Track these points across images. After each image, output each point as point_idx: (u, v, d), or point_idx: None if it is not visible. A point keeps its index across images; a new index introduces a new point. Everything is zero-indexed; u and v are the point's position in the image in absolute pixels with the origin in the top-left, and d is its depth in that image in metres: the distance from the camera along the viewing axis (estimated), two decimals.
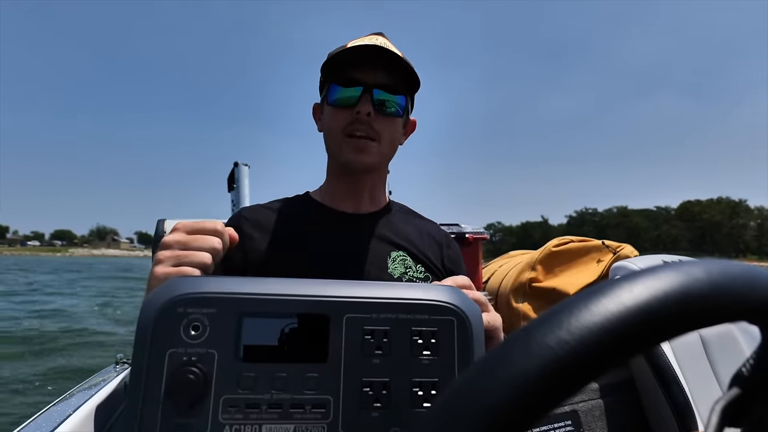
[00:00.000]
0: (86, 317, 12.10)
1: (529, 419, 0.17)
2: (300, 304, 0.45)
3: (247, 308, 0.45)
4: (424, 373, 0.45)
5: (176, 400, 0.41)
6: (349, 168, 0.93)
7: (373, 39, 0.92)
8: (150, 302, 0.44)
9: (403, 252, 0.92)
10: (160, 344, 0.42)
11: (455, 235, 1.84)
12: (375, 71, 0.88)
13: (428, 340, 0.46)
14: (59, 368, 6.69)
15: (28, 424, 1.04)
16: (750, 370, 0.25)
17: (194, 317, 0.44)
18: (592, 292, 0.19)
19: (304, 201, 1.00)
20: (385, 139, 0.91)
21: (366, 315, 0.46)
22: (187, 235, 0.60)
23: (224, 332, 0.44)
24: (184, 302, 0.44)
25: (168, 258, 0.58)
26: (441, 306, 0.47)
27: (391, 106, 0.90)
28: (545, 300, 1.63)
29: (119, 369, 1.57)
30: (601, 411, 1.36)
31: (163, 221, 1.61)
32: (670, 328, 0.19)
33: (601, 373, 0.18)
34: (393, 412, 0.44)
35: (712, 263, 0.21)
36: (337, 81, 0.89)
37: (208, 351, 0.43)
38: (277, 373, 0.44)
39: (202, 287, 0.45)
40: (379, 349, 0.45)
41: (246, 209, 0.97)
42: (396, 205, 1.05)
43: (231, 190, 3.39)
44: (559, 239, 1.75)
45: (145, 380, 0.42)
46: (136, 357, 0.42)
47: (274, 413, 0.43)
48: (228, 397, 0.43)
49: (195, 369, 0.42)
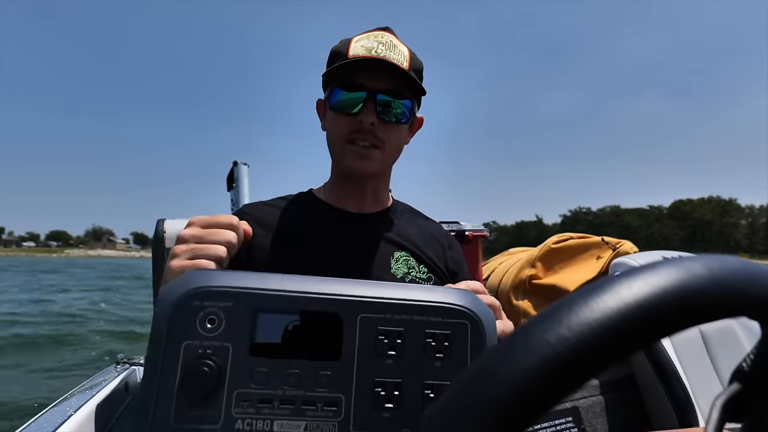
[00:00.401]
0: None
1: (529, 416, 0.17)
2: (315, 302, 0.46)
3: (262, 304, 0.45)
4: (436, 375, 0.45)
5: (190, 392, 0.41)
6: (351, 175, 0.92)
7: (378, 35, 0.89)
8: (166, 294, 0.44)
9: (406, 252, 0.92)
10: (175, 336, 0.43)
11: (455, 233, 1.84)
12: (379, 76, 0.86)
13: (441, 342, 0.46)
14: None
15: (29, 424, 1.04)
16: (750, 366, 0.25)
17: (210, 310, 0.44)
18: (591, 288, 0.19)
19: (308, 199, 0.99)
20: (389, 146, 0.89)
21: (380, 315, 0.46)
22: (203, 229, 0.61)
23: (239, 326, 0.44)
24: (200, 295, 0.44)
25: (184, 252, 0.59)
26: (455, 309, 0.47)
27: (395, 111, 0.88)
28: (545, 297, 1.63)
29: (120, 369, 1.57)
30: (601, 407, 1.37)
31: (162, 221, 1.60)
32: (670, 324, 0.19)
33: (602, 369, 0.18)
34: (405, 413, 0.44)
35: (712, 259, 0.21)
36: (340, 84, 0.87)
37: (223, 344, 0.43)
38: (290, 369, 0.44)
39: (218, 281, 0.45)
40: (393, 350, 0.45)
41: (248, 206, 0.96)
42: (400, 205, 1.04)
43: (230, 190, 3.38)
44: (559, 236, 1.75)
45: (161, 371, 0.42)
46: (152, 348, 0.43)
47: (286, 409, 0.43)
48: (241, 391, 0.43)
49: (210, 362, 0.42)
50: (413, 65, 0.90)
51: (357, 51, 0.86)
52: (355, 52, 0.86)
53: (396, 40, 0.90)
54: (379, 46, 0.86)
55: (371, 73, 0.86)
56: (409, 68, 0.88)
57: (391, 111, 0.87)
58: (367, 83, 0.86)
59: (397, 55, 0.87)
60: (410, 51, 0.91)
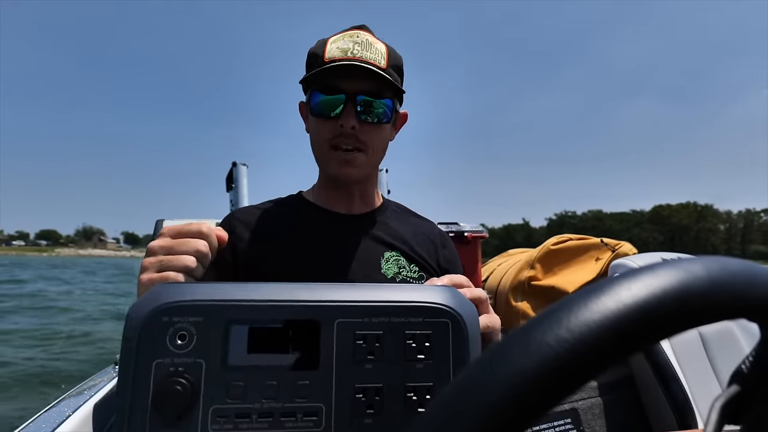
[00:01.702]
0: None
1: (528, 418, 0.17)
2: (290, 310, 0.44)
3: (234, 315, 0.44)
4: (418, 377, 0.45)
5: (163, 410, 0.41)
6: (336, 181, 0.92)
7: (354, 35, 0.88)
8: (135, 311, 0.43)
9: (396, 252, 0.91)
10: (146, 354, 0.42)
11: (453, 233, 1.84)
12: (357, 78, 0.84)
13: (422, 343, 0.45)
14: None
15: (28, 424, 1.04)
16: (749, 368, 0.25)
17: (180, 326, 0.43)
18: (591, 290, 0.19)
19: (297, 201, 0.99)
20: (372, 147, 0.89)
21: (358, 319, 0.45)
22: (172, 239, 0.59)
23: (212, 341, 0.43)
24: (169, 311, 0.43)
25: (152, 264, 0.57)
26: (435, 308, 0.46)
27: (377, 111, 0.86)
28: (544, 298, 1.63)
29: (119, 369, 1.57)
30: (600, 409, 1.37)
31: (161, 221, 1.60)
32: (670, 325, 0.18)
33: (601, 371, 0.18)
34: (386, 417, 0.43)
35: (712, 260, 0.21)
36: (319, 88, 0.86)
37: (195, 360, 0.42)
38: (268, 381, 0.43)
39: (187, 294, 0.44)
40: (372, 355, 0.44)
41: (238, 210, 0.96)
42: (391, 205, 1.04)
43: (230, 190, 3.38)
44: (558, 237, 1.75)
45: (132, 391, 0.41)
46: (123, 367, 0.42)
47: (265, 422, 0.42)
48: (217, 407, 0.42)
49: (182, 380, 0.41)
50: (391, 62, 0.88)
51: (333, 53, 0.85)
52: (331, 54, 0.85)
53: (372, 38, 0.89)
54: (355, 47, 0.85)
55: (348, 75, 0.84)
56: (387, 65, 0.87)
57: (372, 111, 0.86)
58: (345, 86, 0.84)
59: (374, 54, 0.86)
60: (387, 47, 0.90)
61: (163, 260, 0.57)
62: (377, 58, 0.86)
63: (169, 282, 0.54)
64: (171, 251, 0.58)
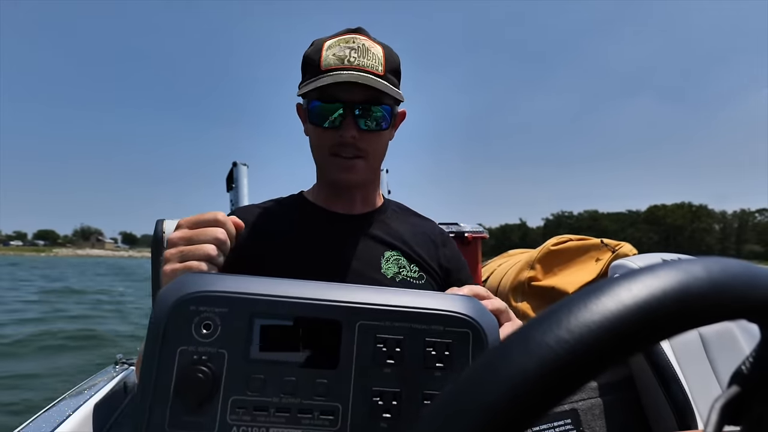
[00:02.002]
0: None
1: (528, 418, 0.17)
2: (313, 308, 0.45)
3: (259, 309, 0.44)
4: (436, 386, 0.44)
5: (185, 398, 0.41)
6: (337, 186, 0.92)
7: (350, 40, 0.86)
8: (163, 297, 0.44)
9: (396, 252, 0.91)
10: (171, 341, 0.42)
11: (454, 234, 1.84)
12: (354, 86, 0.82)
13: (442, 352, 0.45)
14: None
15: (28, 424, 1.04)
16: (749, 368, 0.25)
17: (206, 315, 0.43)
18: (591, 290, 0.19)
19: (297, 201, 0.99)
20: (373, 153, 0.89)
21: (380, 323, 0.45)
22: (190, 230, 0.61)
23: (235, 333, 0.43)
24: (196, 300, 0.44)
25: (174, 255, 0.59)
26: (456, 317, 0.46)
27: (375, 116, 0.86)
28: (544, 299, 1.63)
29: (119, 369, 1.57)
30: (600, 409, 1.37)
31: (162, 221, 1.60)
32: (670, 326, 0.18)
33: (601, 371, 0.18)
34: (402, 423, 0.43)
35: (712, 261, 0.21)
36: (316, 96, 0.85)
37: (218, 351, 0.43)
38: (287, 377, 0.43)
39: (214, 285, 0.45)
40: (391, 359, 0.44)
41: (238, 210, 0.96)
42: (392, 205, 1.04)
43: (230, 190, 3.38)
44: (558, 238, 1.75)
45: (156, 376, 0.42)
46: (147, 352, 0.42)
47: (282, 417, 0.42)
48: (236, 398, 0.42)
49: (205, 368, 0.42)
50: (389, 66, 0.87)
51: (329, 61, 0.84)
52: (327, 62, 0.84)
53: (369, 42, 0.88)
54: (351, 53, 0.84)
55: (346, 84, 0.82)
56: (384, 71, 0.86)
57: (371, 118, 0.85)
58: (342, 95, 0.83)
59: (371, 59, 0.84)
60: (384, 50, 0.88)
61: (184, 250, 0.59)
62: (374, 64, 0.84)
63: (192, 271, 0.56)
64: (191, 241, 0.60)
